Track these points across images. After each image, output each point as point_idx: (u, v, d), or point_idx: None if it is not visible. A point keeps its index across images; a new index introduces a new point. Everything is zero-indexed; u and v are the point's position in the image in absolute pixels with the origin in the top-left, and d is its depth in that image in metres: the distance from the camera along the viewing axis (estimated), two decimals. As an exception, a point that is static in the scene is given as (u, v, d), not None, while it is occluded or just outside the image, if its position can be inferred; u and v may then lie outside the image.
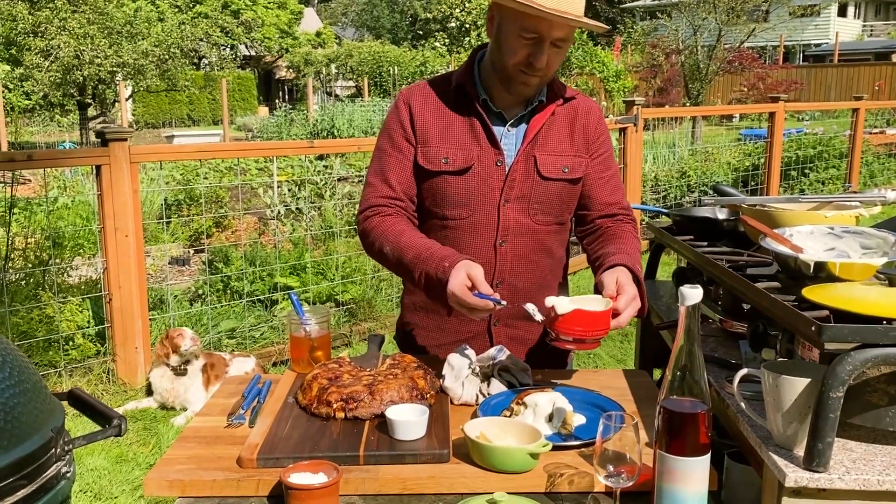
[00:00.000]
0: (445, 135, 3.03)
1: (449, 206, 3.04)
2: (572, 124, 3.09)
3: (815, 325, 2.13)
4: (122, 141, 6.73)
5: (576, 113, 3.11)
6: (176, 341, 6.64)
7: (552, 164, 3.02)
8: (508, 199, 3.01)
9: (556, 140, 3.05)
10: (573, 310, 2.55)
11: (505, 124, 3.04)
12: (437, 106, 3.07)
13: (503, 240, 3.03)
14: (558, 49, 2.86)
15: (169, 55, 27.08)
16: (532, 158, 3.00)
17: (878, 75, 36.65)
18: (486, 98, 3.04)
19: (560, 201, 3.09)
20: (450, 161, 3.00)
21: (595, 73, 25.91)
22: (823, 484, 2.08)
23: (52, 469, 2.15)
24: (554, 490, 2.17)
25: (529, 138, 3.00)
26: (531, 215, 3.04)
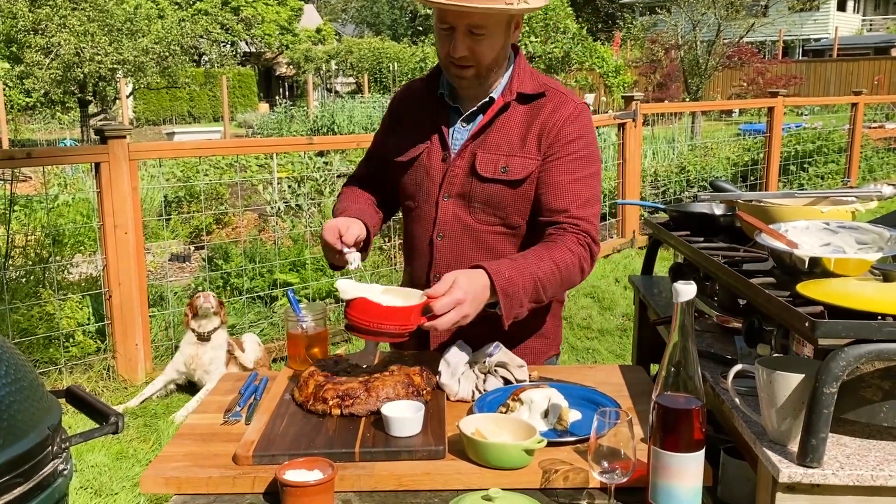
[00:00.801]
0: (410, 128, 3.13)
1: (404, 197, 3.16)
2: (529, 123, 2.97)
3: (808, 321, 2.14)
4: (121, 138, 6.74)
5: (538, 112, 2.97)
6: (195, 303, 6.75)
7: (491, 163, 2.94)
8: (450, 195, 3.00)
9: (502, 138, 2.97)
10: (357, 297, 2.49)
11: (458, 119, 3.06)
12: (411, 101, 3.20)
13: (441, 234, 3.03)
14: (478, 37, 2.80)
15: (169, 52, 27.06)
16: (472, 156, 2.96)
17: (878, 69, 36.61)
18: (444, 93, 3.06)
19: (502, 202, 2.97)
20: (403, 153, 3.10)
21: (595, 69, 25.87)
22: (817, 479, 2.08)
23: (49, 466, 2.16)
24: (549, 486, 2.17)
25: (474, 135, 2.98)
26: (471, 213, 3.00)
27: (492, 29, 2.81)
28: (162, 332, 7.71)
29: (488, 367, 2.81)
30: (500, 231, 3.01)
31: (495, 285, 2.61)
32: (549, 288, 2.76)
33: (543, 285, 2.73)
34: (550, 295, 2.81)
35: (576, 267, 2.82)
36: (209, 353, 6.82)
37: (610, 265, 10.85)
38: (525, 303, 2.71)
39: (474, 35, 2.79)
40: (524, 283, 2.67)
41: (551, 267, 2.74)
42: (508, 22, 2.87)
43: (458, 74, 2.90)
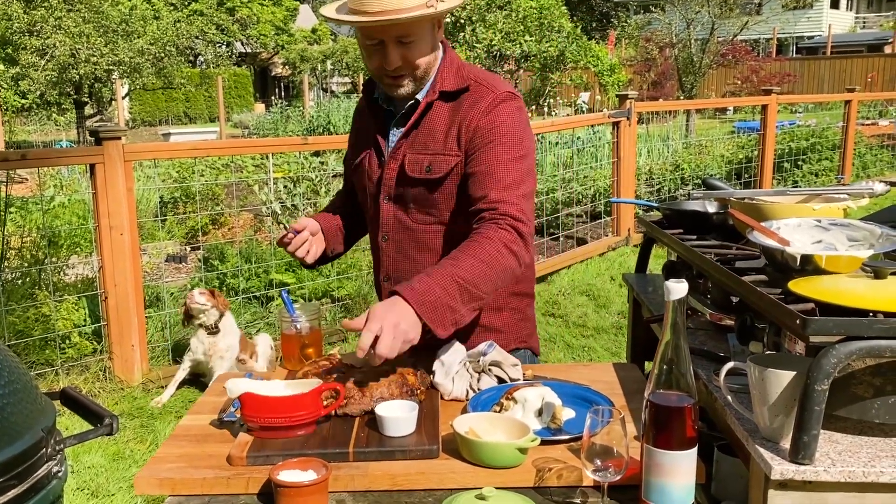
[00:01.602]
0: (360, 137, 3.22)
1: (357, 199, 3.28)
2: (451, 118, 2.97)
3: (799, 318, 2.14)
4: (116, 140, 6.73)
5: (460, 106, 2.98)
6: (187, 305, 6.81)
7: (417, 163, 2.97)
8: (389, 197, 3.05)
9: (427, 137, 2.99)
10: (243, 393, 2.40)
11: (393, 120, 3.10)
12: (361, 112, 3.27)
13: (385, 235, 3.09)
14: (408, 45, 2.84)
15: (165, 53, 27.08)
16: (401, 157, 3.01)
17: (871, 67, 36.62)
18: (378, 97, 3.11)
19: (433, 201, 2.99)
20: (353, 161, 3.21)
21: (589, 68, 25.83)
22: (809, 476, 2.09)
23: (43, 468, 2.15)
24: (543, 485, 2.18)
25: (404, 136, 3.02)
26: (408, 214, 3.04)
27: (418, 34, 2.84)
28: (158, 332, 7.71)
29: (482, 366, 2.81)
30: (437, 229, 3.03)
31: (409, 302, 2.53)
32: (481, 284, 2.65)
33: (474, 283, 2.63)
34: (489, 289, 2.69)
35: (503, 254, 2.71)
36: (223, 341, 6.91)
37: (605, 263, 10.86)
38: (459, 307, 2.61)
39: (404, 44, 2.83)
40: (444, 289, 2.58)
41: (472, 262, 2.65)
42: (432, 24, 2.91)
43: (395, 84, 2.93)
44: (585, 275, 10.31)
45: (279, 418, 2.35)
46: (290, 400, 2.38)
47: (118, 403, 6.75)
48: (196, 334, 6.94)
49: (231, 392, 2.42)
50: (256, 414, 2.36)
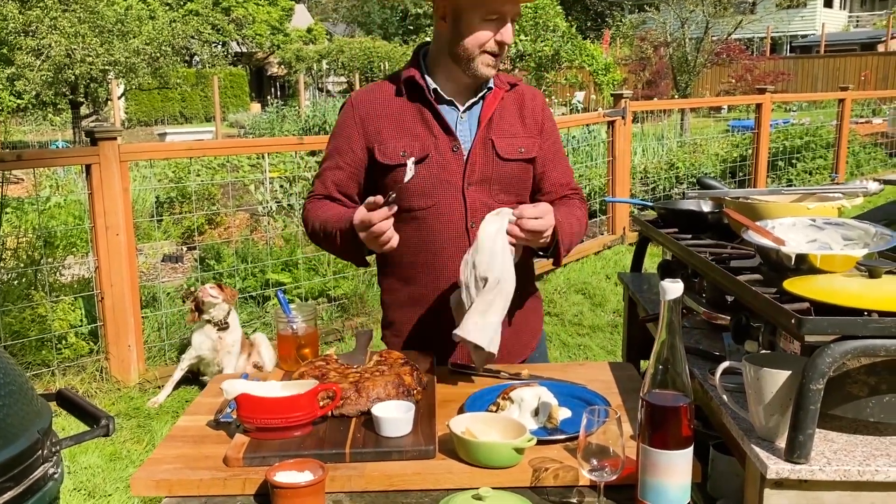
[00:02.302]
0: (399, 129, 3.11)
1: (414, 197, 3.10)
2: (521, 109, 3.22)
3: (794, 317, 2.14)
4: (111, 140, 6.73)
5: (523, 98, 3.24)
6: (198, 299, 6.88)
7: (509, 145, 3.13)
8: (471, 183, 3.09)
9: (508, 123, 3.17)
10: (240, 394, 2.39)
11: (457, 112, 3.13)
12: (388, 103, 3.16)
13: (473, 222, 3.08)
14: (513, 24, 3.02)
15: (160, 53, 27.03)
16: (489, 142, 3.10)
17: (865, 65, 36.62)
18: (437, 87, 3.11)
19: (518, 181, 3.19)
20: (407, 153, 3.07)
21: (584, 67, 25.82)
22: (804, 475, 2.09)
23: (39, 470, 2.16)
24: (539, 484, 2.18)
25: (484, 123, 3.10)
26: (493, 196, 3.12)
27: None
28: (154, 333, 7.71)
29: None
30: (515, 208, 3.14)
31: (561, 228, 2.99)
32: (576, 237, 3.14)
33: (577, 234, 3.14)
34: (574, 244, 3.15)
35: (584, 224, 3.28)
36: (230, 336, 6.98)
37: (601, 262, 10.86)
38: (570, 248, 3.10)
39: (513, 22, 3.02)
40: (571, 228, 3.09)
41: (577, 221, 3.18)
42: None
43: (492, 64, 3.04)
44: (581, 273, 10.31)
45: (275, 419, 2.35)
46: (286, 401, 2.37)
47: (115, 404, 6.75)
48: (202, 329, 6.96)
49: (227, 393, 2.42)
50: (253, 415, 2.36)
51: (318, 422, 2.45)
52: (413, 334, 3.26)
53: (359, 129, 3.16)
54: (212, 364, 6.95)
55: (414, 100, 3.12)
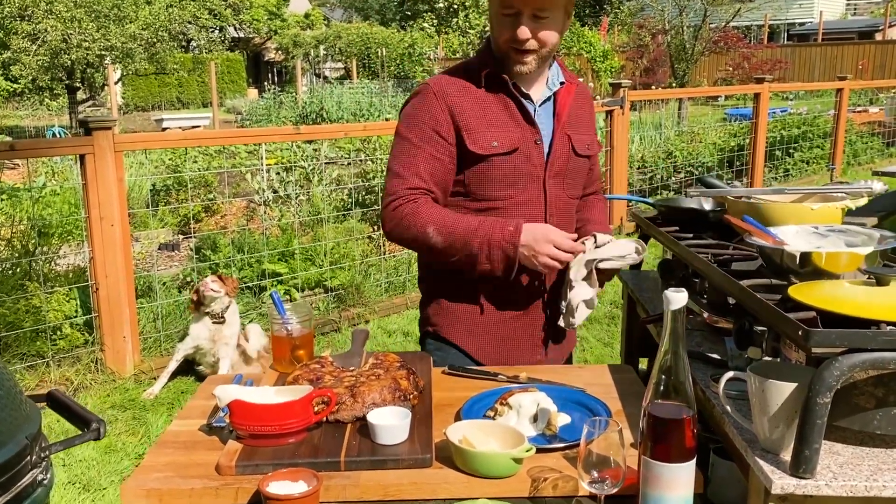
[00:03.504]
0: (487, 120, 3.08)
1: (500, 188, 3.10)
2: (583, 105, 3.32)
3: (802, 329, 2.10)
4: (106, 130, 6.68)
5: (584, 95, 3.35)
6: (200, 292, 6.86)
7: (582, 141, 3.23)
8: (551, 176, 3.14)
9: (578, 119, 3.25)
10: (233, 400, 2.34)
11: (534, 105, 3.14)
12: (472, 94, 3.11)
13: (552, 214, 3.15)
14: (542, 20, 2.93)
15: (157, 38, 27.02)
16: (566, 136, 3.17)
17: (862, 54, 36.63)
18: (515, 83, 3.09)
19: (584, 175, 3.33)
20: (499, 144, 3.05)
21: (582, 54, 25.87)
22: (810, 491, 2.05)
23: (28, 477, 2.12)
24: (538, 495, 2.15)
25: (562, 118, 3.15)
26: (566, 189, 3.22)
27: (553, 13, 2.96)
28: (150, 323, 7.67)
29: None
30: (575, 202, 3.38)
31: None
32: None
33: None
34: None
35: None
36: (229, 328, 6.97)
37: (599, 252, 10.81)
38: None
39: (538, 19, 2.94)
40: None
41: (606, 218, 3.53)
42: (566, 7, 3.04)
43: (520, 60, 3.02)
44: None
45: (269, 426, 2.30)
46: (280, 408, 2.32)
47: (110, 395, 6.72)
48: (201, 320, 6.93)
49: (220, 399, 2.37)
50: (246, 422, 2.31)
51: (313, 428, 2.41)
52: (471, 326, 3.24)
53: (447, 117, 3.07)
54: (208, 354, 6.93)
55: (495, 92, 3.10)
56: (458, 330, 3.24)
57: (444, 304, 3.26)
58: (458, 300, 3.22)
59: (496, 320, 3.20)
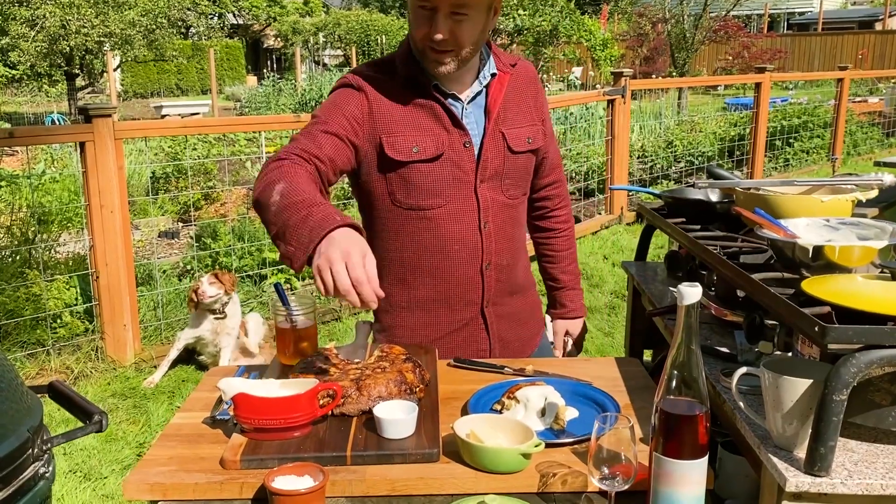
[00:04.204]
0: (409, 122, 2.90)
1: (424, 196, 2.93)
2: (523, 92, 3.09)
3: (818, 325, 2.07)
4: (106, 117, 6.66)
5: (524, 79, 3.11)
6: (197, 298, 6.84)
7: (518, 136, 3.02)
8: (483, 180, 2.96)
9: (514, 112, 3.04)
10: (237, 393, 2.31)
11: (461, 104, 2.96)
12: (394, 93, 2.92)
13: (486, 221, 2.98)
14: (461, 17, 2.72)
15: (156, 25, 27.00)
16: (500, 134, 2.97)
17: (862, 44, 36.70)
18: (437, 83, 2.91)
19: (526, 173, 3.13)
20: (420, 149, 2.88)
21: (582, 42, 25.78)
22: (825, 489, 2.02)
23: (30, 470, 2.11)
24: (547, 490, 2.12)
25: (493, 114, 2.96)
26: (504, 192, 3.03)
27: (473, 10, 2.74)
28: (150, 312, 7.67)
29: None
30: (522, 200, 3.17)
31: None
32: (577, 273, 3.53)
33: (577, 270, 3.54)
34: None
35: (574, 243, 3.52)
36: (230, 321, 7.00)
37: (598, 242, 10.83)
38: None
39: (455, 16, 2.72)
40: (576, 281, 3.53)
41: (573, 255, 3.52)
42: (489, 5, 2.80)
43: (437, 59, 2.80)
44: (579, 254, 10.19)
45: (274, 420, 2.27)
46: (285, 401, 2.29)
47: (110, 384, 6.72)
48: (204, 317, 6.96)
49: (225, 393, 2.34)
50: (251, 415, 2.28)
51: (318, 421, 2.38)
52: (415, 337, 3.13)
53: (365, 113, 2.89)
54: (210, 345, 6.92)
55: (418, 93, 2.92)
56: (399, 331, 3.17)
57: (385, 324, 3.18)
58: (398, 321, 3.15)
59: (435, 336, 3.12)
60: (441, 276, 3.02)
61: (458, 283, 3.01)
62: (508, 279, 3.06)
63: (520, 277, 3.14)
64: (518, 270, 3.11)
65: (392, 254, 3.00)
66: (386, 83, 2.93)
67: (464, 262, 2.99)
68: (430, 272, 3.02)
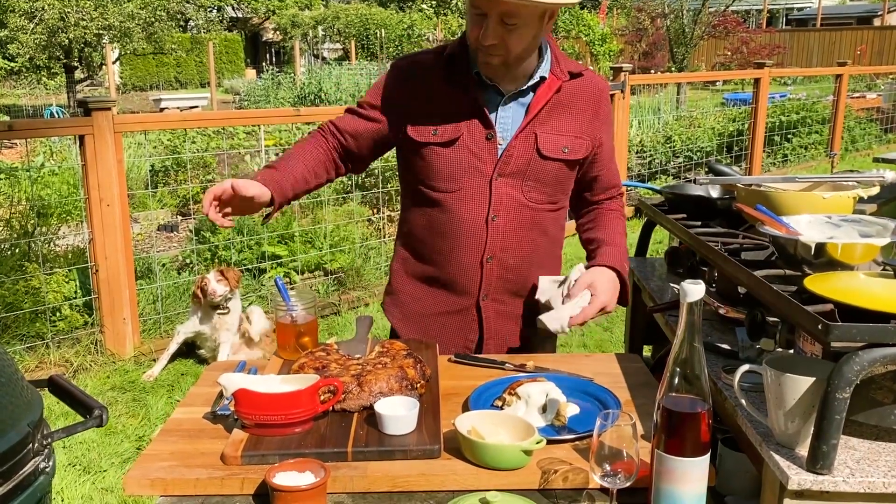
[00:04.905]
0: (435, 106, 3.01)
1: (438, 179, 3.03)
2: (579, 103, 3.05)
3: (821, 323, 2.07)
4: (105, 110, 6.64)
5: (584, 91, 3.07)
6: (206, 294, 6.79)
7: (553, 142, 3.00)
8: (502, 174, 2.99)
9: (559, 118, 3.02)
10: (238, 389, 2.31)
11: (501, 98, 3.00)
12: (428, 77, 3.04)
13: (495, 215, 3.01)
14: (510, 27, 2.76)
15: (155, 17, 26.95)
16: (532, 135, 2.98)
17: (860, 39, 36.74)
18: (479, 71, 2.98)
19: (555, 181, 3.07)
20: (438, 133, 2.98)
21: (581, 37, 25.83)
22: (827, 487, 2.02)
23: (30, 465, 2.10)
24: (548, 487, 2.12)
25: (532, 114, 2.97)
26: (524, 192, 3.03)
27: (524, 19, 2.77)
28: (150, 305, 7.66)
29: None
30: (548, 208, 3.13)
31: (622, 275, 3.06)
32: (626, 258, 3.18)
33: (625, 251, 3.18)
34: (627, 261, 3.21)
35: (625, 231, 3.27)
36: (230, 317, 6.96)
37: (599, 236, 10.81)
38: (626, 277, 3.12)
39: (506, 24, 2.76)
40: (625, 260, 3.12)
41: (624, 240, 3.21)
42: (542, 14, 2.82)
43: (486, 60, 2.89)
44: (578, 249, 10.16)
45: (275, 415, 2.27)
46: (286, 397, 2.29)
47: (110, 377, 6.72)
48: (205, 312, 6.93)
49: (226, 388, 2.34)
50: (252, 411, 2.28)
51: (320, 417, 2.38)
52: (413, 309, 3.23)
53: (395, 93, 3.10)
54: (209, 339, 6.92)
55: (456, 80, 3.01)
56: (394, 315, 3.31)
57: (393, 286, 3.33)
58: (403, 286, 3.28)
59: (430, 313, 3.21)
60: (443, 258, 3.10)
61: (458, 269, 3.07)
62: (516, 279, 3.07)
63: (533, 281, 3.13)
64: (530, 274, 3.11)
65: (411, 226, 3.14)
66: (425, 68, 3.08)
67: (465, 249, 3.05)
68: (435, 251, 3.11)
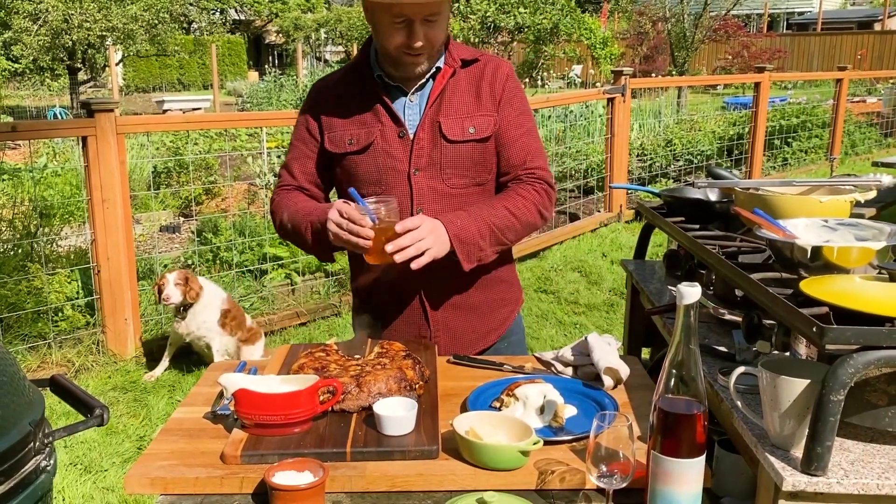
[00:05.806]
0: (348, 117, 3.12)
1: (362, 184, 3.08)
2: (478, 84, 3.12)
3: (816, 325, 2.08)
4: (108, 112, 6.66)
5: (481, 73, 3.14)
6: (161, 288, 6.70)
7: (458, 126, 3.06)
8: (419, 168, 3.05)
9: (459, 102, 3.09)
10: (238, 389, 2.33)
11: (406, 96, 3.10)
12: (339, 91, 3.18)
13: (419, 208, 3.05)
14: (432, 23, 2.89)
15: (158, 20, 26.95)
16: (436, 124, 3.05)
17: (861, 44, 36.70)
18: (381, 74, 3.09)
19: (472, 163, 3.10)
20: (354, 141, 3.10)
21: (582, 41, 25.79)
22: (822, 488, 2.04)
23: (31, 463, 2.11)
24: (545, 487, 2.13)
25: (430, 104, 3.06)
26: (444, 180, 3.08)
27: (443, 13, 2.92)
28: (151, 306, 7.67)
29: None
30: (472, 191, 3.13)
31: (449, 233, 2.88)
32: (507, 231, 3.04)
33: (500, 229, 3.01)
34: (513, 239, 3.10)
35: (532, 211, 3.09)
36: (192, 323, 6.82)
37: (597, 239, 10.83)
38: (485, 247, 2.99)
39: (429, 22, 2.89)
40: (479, 228, 2.95)
41: (506, 213, 3.02)
42: (450, 2, 3.00)
43: (414, 62, 3.00)
44: (577, 251, 10.29)
45: (275, 416, 2.29)
46: (285, 397, 2.31)
47: (111, 377, 6.73)
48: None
49: (226, 388, 2.36)
50: (252, 411, 2.29)
51: (319, 417, 2.39)
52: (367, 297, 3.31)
53: (314, 115, 3.21)
54: (194, 343, 6.91)
55: (362, 88, 3.13)
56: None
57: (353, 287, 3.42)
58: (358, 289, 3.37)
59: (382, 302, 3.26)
60: None
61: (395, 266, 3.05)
62: (456, 269, 3.00)
63: (478, 270, 3.11)
64: None
65: None
66: (336, 83, 3.24)
67: None
68: None
